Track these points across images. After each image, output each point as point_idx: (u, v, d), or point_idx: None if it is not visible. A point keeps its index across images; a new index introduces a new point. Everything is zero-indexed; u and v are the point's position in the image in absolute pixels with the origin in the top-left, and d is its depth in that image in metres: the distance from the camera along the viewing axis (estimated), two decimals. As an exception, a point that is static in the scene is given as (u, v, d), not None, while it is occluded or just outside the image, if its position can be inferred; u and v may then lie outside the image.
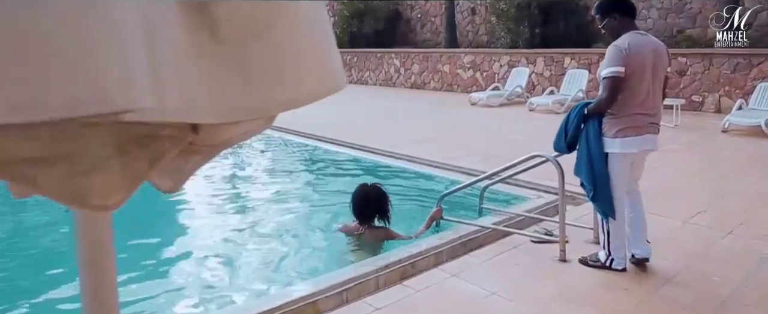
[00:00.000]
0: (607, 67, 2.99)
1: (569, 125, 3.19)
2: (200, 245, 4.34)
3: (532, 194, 4.87)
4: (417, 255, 3.54)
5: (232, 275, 3.81)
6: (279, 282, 3.57)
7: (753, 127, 7.62)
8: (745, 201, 4.58)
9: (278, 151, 8.00)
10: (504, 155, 6.35)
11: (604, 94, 3.01)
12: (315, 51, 0.70)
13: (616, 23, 3.12)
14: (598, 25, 3.25)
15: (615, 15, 3.13)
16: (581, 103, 3.23)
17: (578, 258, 3.34)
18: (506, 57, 13.35)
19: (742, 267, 3.27)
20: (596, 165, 3.09)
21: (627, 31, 3.10)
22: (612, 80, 2.98)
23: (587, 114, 3.13)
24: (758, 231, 3.84)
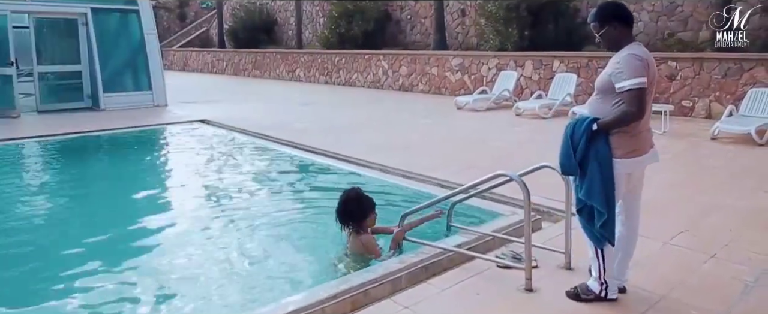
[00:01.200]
0: (633, 78, 2.67)
1: (576, 143, 2.82)
2: (170, 257, 4.08)
3: (507, 210, 4.58)
4: (371, 282, 3.23)
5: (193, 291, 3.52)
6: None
7: (743, 134, 7.36)
8: (731, 218, 4.29)
9: (247, 157, 7.69)
10: (483, 165, 6.09)
11: (633, 109, 2.68)
12: None
13: (616, 32, 2.85)
14: (595, 33, 2.93)
15: (615, 24, 2.84)
16: (587, 118, 2.84)
17: (566, 292, 3.01)
18: (495, 59, 13.08)
19: (724, 298, 2.98)
20: (610, 187, 2.79)
21: (626, 41, 2.84)
22: (640, 92, 2.68)
23: (598, 129, 2.77)
24: (742, 254, 3.55)
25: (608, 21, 2.85)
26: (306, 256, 4.09)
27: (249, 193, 5.90)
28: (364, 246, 3.81)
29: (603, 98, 2.84)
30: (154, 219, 5.03)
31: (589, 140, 2.79)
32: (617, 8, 2.91)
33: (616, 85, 2.73)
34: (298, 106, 12.63)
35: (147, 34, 12.44)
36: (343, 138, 8.28)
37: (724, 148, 7.15)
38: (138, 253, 4.21)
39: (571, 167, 2.85)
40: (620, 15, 2.87)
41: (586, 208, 2.87)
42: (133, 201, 5.70)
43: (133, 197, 5.84)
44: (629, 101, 2.69)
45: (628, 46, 2.81)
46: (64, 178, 6.88)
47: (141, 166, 7.53)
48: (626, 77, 2.69)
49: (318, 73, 19.22)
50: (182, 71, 28.31)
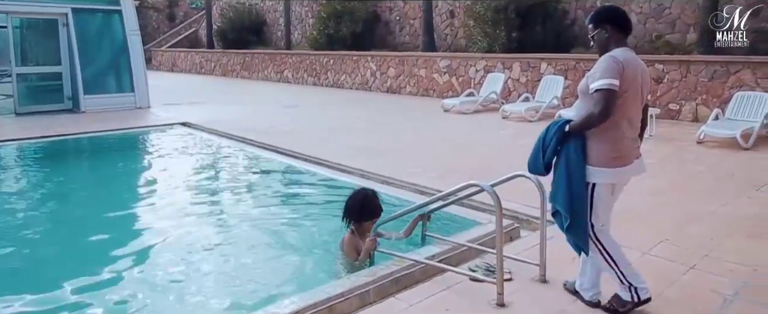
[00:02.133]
0: (602, 79, 2.60)
1: (547, 143, 2.77)
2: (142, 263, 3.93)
3: (486, 218, 4.44)
4: (337, 296, 3.09)
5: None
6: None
7: (728, 138, 7.29)
8: (713, 227, 4.19)
9: (225, 161, 7.53)
10: (466, 170, 5.98)
11: (597, 109, 2.59)
12: None
13: (606, 36, 2.78)
14: (589, 35, 2.88)
15: (607, 27, 2.77)
16: (561, 119, 2.82)
17: (604, 307, 2.88)
18: (482, 61, 12.98)
19: (702, 311, 2.87)
20: (576, 193, 2.72)
21: (616, 46, 2.76)
22: (608, 93, 2.59)
23: (569, 132, 2.72)
24: (722, 265, 3.44)
25: (601, 23, 2.80)
26: (279, 264, 3.95)
27: (224, 199, 5.75)
28: (345, 244, 3.80)
29: (583, 101, 2.78)
30: (130, 224, 4.88)
31: (560, 141, 2.76)
32: (612, 12, 2.87)
33: (590, 87, 2.67)
34: (284, 108, 12.47)
35: (130, 35, 12.23)
36: (327, 141, 8.14)
37: (709, 152, 7.07)
38: (116, 259, 4.07)
39: (536, 167, 2.85)
40: (614, 19, 2.81)
41: (559, 214, 2.80)
42: (110, 206, 5.52)
43: (110, 202, 5.67)
44: (596, 102, 2.62)
45: (618, 49, 2.73)
46: (41, 183, 6.68)
47: (118, 170, 7.34)
48: (597, 78, 2.64)
49: (306, 74, 19.06)
50: (171, 72, 28.05)
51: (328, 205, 5.36)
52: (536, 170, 2.87)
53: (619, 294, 2.85)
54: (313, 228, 4.69)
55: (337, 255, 3.90)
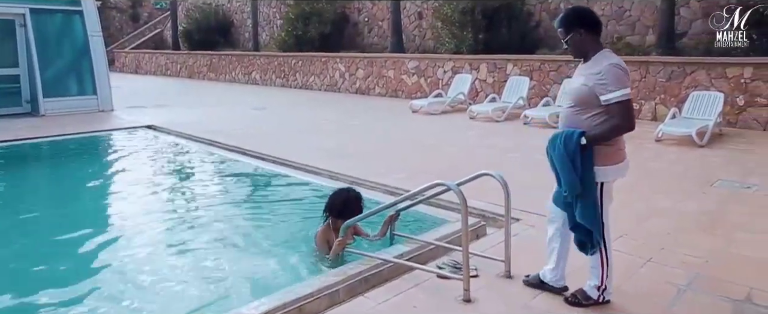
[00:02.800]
0: (621, 89, 2.63)
1: (574, 160, 2.72)
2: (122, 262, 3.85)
3: (453, 217, 4.52)
4: (307, 296, 3.11)
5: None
6: None
7: (685, 136, 7.58)
8: (669, 222, 4.37)
9: (192, 165, 7.44)
10: (435, 170, 6.06)
11: (625, 121, 2.67)
12: None
13: (581, 39, 2.79)
14: (562, 39, 2.88)
15: (580, 30, 2.78)
16: (572, 131, 2.74)
17: (565, 300, 2.98)
18: (450, 62, 13.13)
19: (657, 303, 3.00)
20: (593, 195, 2.80)
21: (594, 48, 2.80)
22: (629, 103, 2.67)
23: (588, 142, 2.71)
24: (677, 258, 3.60)
25: (573, 27, 2.79)
26: (248, 266, 3.93)
27: (191, 202, 5.68)
28: (318, 236, 3.91)
29: (581, 110, 2.77)
30: (94, 229, 4.74)
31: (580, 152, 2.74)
32: (582, 14, 2.87)
33: (602, 98, 2.67)
34: (252, 110, 12.36)
35: (91, 36, 11.93)
36: (296, 143, 8.12)
37: (667, 149, 7.34)
38: (79, 265, 4.01)
39: (575, 186, 2.74)
40: (585, 21, 2.81)
41: (579, 225, 2.84)
42: (72, 212, 5.39)
43: (72, 208, 5.53)
44: (620, 113, 2.66)
45: (600, 53, 2.77)
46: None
47: (80, 176, 7.15)
48: (613, 88, 2.64)
49: (274, 75, 18.93)
50: (135, 74, 27.43)
51: (297, 207, 5.37)
52: (575, 190, 2.76)
53: (586, 291, 2.96)
54: (282, 229, 4.69)
55: (312, 247, 4.00)
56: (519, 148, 7.57)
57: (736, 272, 3.36)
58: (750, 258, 3.61)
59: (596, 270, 2.93)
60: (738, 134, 8.31)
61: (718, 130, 8.16)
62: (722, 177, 5.80)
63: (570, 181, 2.74)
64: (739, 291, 3.11)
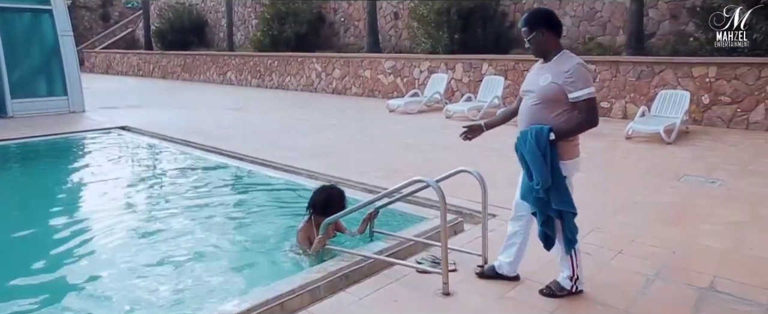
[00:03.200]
0: (587, 88, 2.80)
1: (546, 155, 2.83)
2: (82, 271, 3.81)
3: (431, 213, 4.61)
4: (288, 293, 3.15)
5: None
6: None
7: (653, 133, 7.82)
8: (638, 215, 4.53)
9: (170, 166, 7.37)
10: (411, 169, 6.15)
11: (592, 117, 2.83)
12: None
13: (544, 39, 2.92)
14: (525, 38, 2.99)
15: (543, 30, 2.91)
16: (536, 128, 2.86)
17: (539, 292, 3.08)
18: (426, 62, 13.25)
19: (627, 293, 3.13)
20: (563, 188, 2.91)
21: (556, 48, 2.93)
22: (593, 100, 2.84)
23: (556, 138, 2.83)
24: (646, 249, 3.75)
25: (537, 27, 2.91)
26: (228, 264, 3.95)
27: (170, 203, 5.64)
28: (300, 231, 3.96)
29: (548, 107, 2.88)
30: (70, 233, 4.68)
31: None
32: (546, 15, 3.00)
33: (571, 95, 2.80)
34: (228, 110, 12.28)
35: (61, 36, 11.69)
36: (273, 143, 8.11)
37: (636, 147, 7.57)
38: (57, 266, 3.97)
39: (548, 180, 2.84)
40: (549, 22, 2.94)
41: (550, 218, 2.94)
42: (47, 217, 5.28)
43: (47, 213, 5.41)
44: (586, 110, 2.81)
45: (562, 53, 2.91)
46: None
47: (50, 179, 7.03)
48: (581, 86, 2.79)
49: (250, 76, 18.80)
50: (105, 74, 26.90)
51: (276, 206, 5.40)
52: (547, 183, 2.85)
53: (560, 282, 3.07)
54: (262, 228, 4.70)
55: (291, 244, 4.05)
56: (495, 146, 7.69)
57: (701, 262, 3.52)
58: (714, 248, 3.78)
59: (567, 262, 3.04)
60: (703, 131, 8.61)
61: (685, 127, 8.44)
62: (688, 172, 6.01)
63: (543, 175, 2.84)
64: (704, 279, 3.26)
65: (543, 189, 2.87)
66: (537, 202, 2.94)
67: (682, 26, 11.19)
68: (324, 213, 3.85)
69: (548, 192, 2.88)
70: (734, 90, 8.81)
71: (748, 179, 5.71)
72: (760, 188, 5.34)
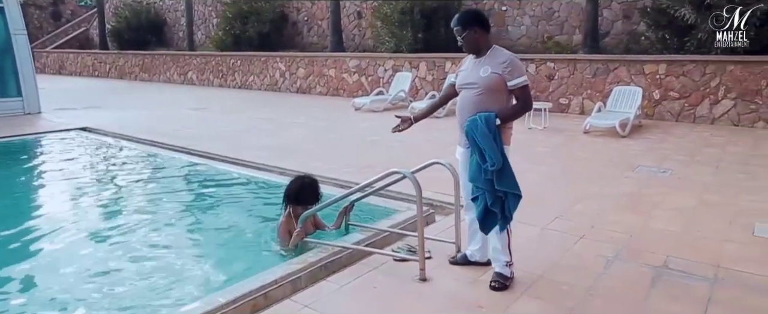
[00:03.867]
0: (523, 76, 3.12)
1: (496, 138, 3.06)
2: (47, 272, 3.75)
3: (402, 206, 4.77)
4: (271, 284, 3.24)
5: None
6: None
7: (609, 127, 8.23)
8: (598, 203, 4.82)
9: (138, 166, 7.29)
10: (380, 165, 6.27)
11: (528, 102, 3.20)
12: None
13: (477, 36, 3.16)
14: (458, 36, 3.21)
15: (475, 28, 3.16)
16: (485, 114, 3.07)
17: (490, 287, 3.17)
18: (390, 61, 13.44)
19: (590, 273, 3.36)
20: (509, 171, 3.13)
21: (487, 45, 3.18)
22: (528, 87, 3.17)
23: (502, 123, 3.09)
24: (606, 234, 4.02)
25: (470, 26, 3.17)
26: (208, 260, 4.00)
27: (143, 203, 5.61)
28: (280, 226, 4.03)
29: (490, 95, 3.12)
30: (36, 237, 4.62)
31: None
32: (477, 14, 3.30)
33: (510, 83, 3.09)
34: (191, 110, 12.14)
35: (15, 34, 11.32)
36: (240, 142, 8.12)
37: (594, 140, 7.94)
38: (22, 273, 3.89)
39: (500, 160, 3.06)
40: (480, 21, 3.22)
41: (499, 199, 3.11)
42: (10, 221, 5.18)
43: (19, 214, 5.31)
44: (523, 96, 3.14)
45: (494, 48, 3.18)
46: None
47: (12, 182, 6.83)
48: (518, 75, 3.10)
49: (212, 75, 18.56)
50: (58, 75, 25.98)
51: (249, 203, 5.45)
52: (499, 163, 3.04)
53: (501, 273, 3.22)
54: (237, 223, 4.76)
55: (266, 239, 4.16)
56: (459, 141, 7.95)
57: (655, 243, 3.81)
58: (666, 231, 4.08)
59: (502, 249, 3.20)
60: (654, 125, 9.10)
61: (638, 121, 8.90)
62: (642, 163, 6.38)
63: (495, 156, 3.06)
64: (658, 259, 3.53)
65: (496, 170, 3.07)
66: (487, 183, 3.12)
67: (634, 26, 11.74)
68: (298, 202, 3.95)
69: (494, 174, 3.08)
70: (682, 86, 9.34)
71: (695, 168, 6.12)
72: (706, 177, 5.74)
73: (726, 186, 5.35)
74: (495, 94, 3.13)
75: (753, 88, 8.75)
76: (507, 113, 3.15)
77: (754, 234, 3.98)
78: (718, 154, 6.89)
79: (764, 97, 8.66)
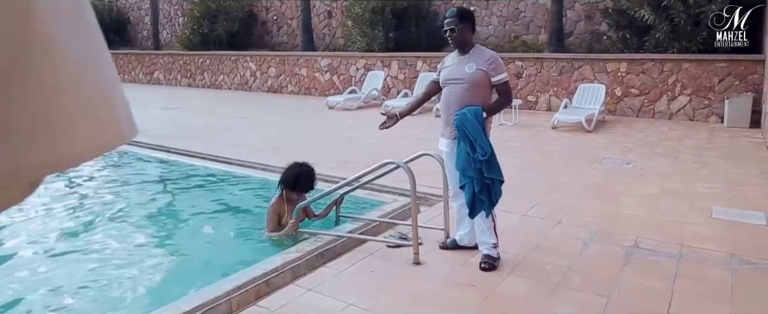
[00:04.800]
0: (504, 73, 3.43)
1: (484, 129, 3.34)
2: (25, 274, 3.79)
3: (388, 198, 4.99)
4: (272, 271, 3.41)
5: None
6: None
7: (576, 123, 8.65)
8: (570, 192, 5.15)
9: (121, 166, 7.28)
10: (359, 160, 6.49)
11: (509, 97, 3.50)
12: (95, 93, 0.56)
13: (467, 32, 3.45)
14: (451, 27, 3.40)
15: (468, 25, 3.46)
16: (474, 108, 3.32)
17: (481, 268, 3.39)
18: (362, 60, 13.63)
19: (569, 254, 3.66)
20: (494, 159, 3.39)
21: (471, 42, 3.46)
22: (509, 83, 3.49)
23: (488, 115, 3.39)
24: (580, 219, 4.33)
25: (464, 21, 3.45)
26: (208, 253, 4.12)
27: (124, 203, 5.65)
28: (271, 207, 4.19)
29: (476, 90, 3.39)
30: (36, 238, 4.62)
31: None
32: (470, 13, 3.63)
33: (494, 79, 3.38)
34: (163, 109, 12.04)
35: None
36: (218, 140, 8.17)
37: (562, 135, 8.34)
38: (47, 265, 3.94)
39: (489, 149, 3.34)
40: (471, 20, 3.53)
41: (486, 186, 3.37)
42: None
43: None
44: (505, 91, 3.43)
45: (477, 47, 3.48)
46: None
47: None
48: (501, 71, 3.39)
49: (180, 75, 18.34)
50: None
51: (236, 199, 5.57)
52: (488, 152, 3.32)
53: (489, 254, 3.47)
54: (228, 219, 4.89)
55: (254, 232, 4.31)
56: (432, 137, 8.20)
57: (625, 226, 4.14)
58: (633, 215, 4.42)
59: (488, 231, 3.46)
60: (617, 120, 9.59)
61: (602, 117, 9.37)
62: (607, 156, 6.78)
63: (485, 146, 3.33)
64: (629, 239, 3.86)
65: (485, 160, 3.32)
66: (476, 172, 3.37)
67: (595, 26, 12.28)
68: (295, 188, 4.11)
69: (483, 163, 3.34)
70: (642, 83, 9.87)
71: (655, 160, 6.55)
72: (666, 167, 6.16)
73: (684, 175, 5.77)
74: (479, 89, 3.40)
75: (706, 85, 9.33)
76: (492, 106, 3.45)
77: (712, 217, 4.36)
78: (675, 146, 7.36)
79: (716, 94, 9.26)
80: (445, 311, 2.92)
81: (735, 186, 5.24)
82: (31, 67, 0.49)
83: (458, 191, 3.58)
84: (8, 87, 0.48)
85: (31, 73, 0.49)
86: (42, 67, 0.50)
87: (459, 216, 3.67)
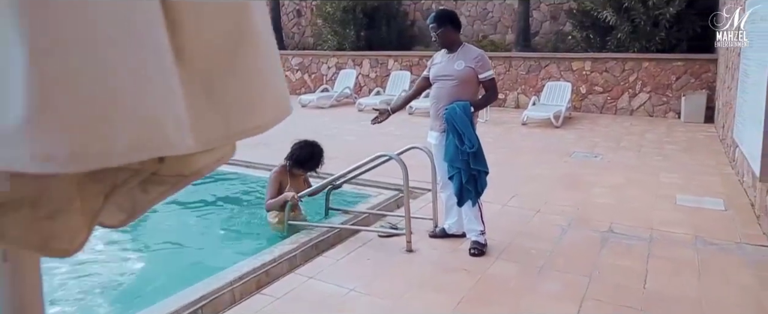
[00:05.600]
0: (490, 70, 3.63)
1: (472, 123, 3.55)
2: None
3: (374, 191, 5.16)
4: (270, 262, 3.53)
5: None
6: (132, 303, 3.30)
7: (544, 119, 9.01)
8: (545, 183, 5.44)
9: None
10: (342, 157, 6.60)
11: (495, 93, 3.71)
12: (275, 75, 0.71)
13: (450, 34, 3.62)
14: (433, 33, 3.62)
15: (449, 26, 3.62)
16: (462, 103, 3.53)
17: (470, 253, 3.57)
18: (334, 59, 13.73)
19: (550, 238, 3.91)
20: (481, 152, 3.61)
21: (458, 42, 3.65)
22: (495, 80, 3.70)
23: (475, 110, 3.61)
24: (556, 207, 4.61)
25: (444, 23, 3.62)
26: (207, 246, 4.19)
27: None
28: (273, 174, 4.34)
29: (464, 86, 3.59)
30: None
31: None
32: (451, 14, 3.79)
33: (481, 75, 3.58)
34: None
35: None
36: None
37: (531, 131, 8.68)
38: None
39: (477, 142, 3.54)
40: (453, 20, 3.70)
41: (473, 177, 3.57)
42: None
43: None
44: (492, 88, 3.64)
45: (465, 45, 3.66)
46: None
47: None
48: (488, 68, 3.60)
49: (146, 73, 17.98)
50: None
51: (223, 195, 5.63)
52: (476, 144, 3.53)
53: (478, 241, 3.69)
54: (217, 216, 4.96)
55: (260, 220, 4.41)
56: (408, 134, 8.43)
57: (599, 213, 4.43)
58: (605, 203, 4.73)
59: (475, 219, 3.68)
60: (582, 117, 10.02)
61: (569, 113, 9.77)
62: (576, 150, 7.13)
63: (473, 139, 3.54)
64: (604, 225, 4.15)
65: (472, 152, 3.53)
66: (464, 163, 3.57)
67: (560, 26, 12.74)
68: (302, 166, 4.20)
69: (470, 155, 3.55)
70: (605, 81, 10.34)
71: (620, 153, 6.93)
72: (630, 160, 6.54)
73: (647, 166, 6.15)
74: (467, 85, 3.60)
75: (664, 83, 9.86)
76: (479, 102, 3.66)
77: (677, 204, 4.71)
78: (638, 140, 7.79)
79: (674, 91, 9.79)
80: (444, 293, 3.11)
81: (694, 176, 5.64)
82: (245, 54, 0.64)
83: (447, 182, 3.77)
84: (226, 70, 0.63)
85: (243, 58, 0.64)
86: (251, 53, 0.65)
87: (447, 206, 3.87)
